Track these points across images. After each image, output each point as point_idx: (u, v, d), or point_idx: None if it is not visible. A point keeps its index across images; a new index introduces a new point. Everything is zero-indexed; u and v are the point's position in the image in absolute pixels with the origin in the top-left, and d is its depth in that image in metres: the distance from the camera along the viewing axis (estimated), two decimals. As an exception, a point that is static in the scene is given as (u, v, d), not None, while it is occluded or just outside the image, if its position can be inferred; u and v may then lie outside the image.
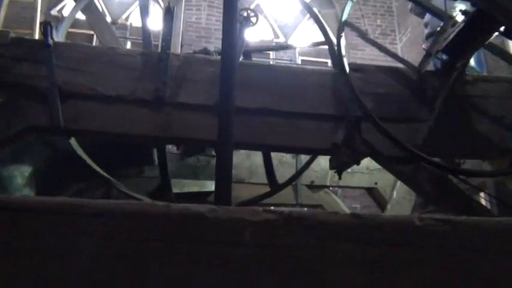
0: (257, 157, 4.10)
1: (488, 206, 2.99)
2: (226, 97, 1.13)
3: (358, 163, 2.17)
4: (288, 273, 0.75)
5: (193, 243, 0.75)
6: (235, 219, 0.77)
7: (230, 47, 1.19)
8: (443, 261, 0.78)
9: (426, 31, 3.62)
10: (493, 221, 0.80)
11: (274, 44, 9.33)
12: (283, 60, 8.09)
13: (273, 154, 4.16)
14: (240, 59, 2.37)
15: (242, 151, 3.99)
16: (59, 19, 7.39)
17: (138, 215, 0.77)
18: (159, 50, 2.20)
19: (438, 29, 2.35)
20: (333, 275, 0.75)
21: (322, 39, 2.47)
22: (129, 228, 0.75)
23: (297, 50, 8.43)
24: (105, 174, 2.82)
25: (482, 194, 3.18)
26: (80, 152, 2.80)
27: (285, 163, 4.25)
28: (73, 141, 2.76)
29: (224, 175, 1.10)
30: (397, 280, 0.76)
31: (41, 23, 2.09)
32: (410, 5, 4.18)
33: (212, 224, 0.77)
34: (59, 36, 2.86)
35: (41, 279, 0.73)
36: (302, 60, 8.27)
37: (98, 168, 2.84)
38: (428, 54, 2.25)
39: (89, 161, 2.81)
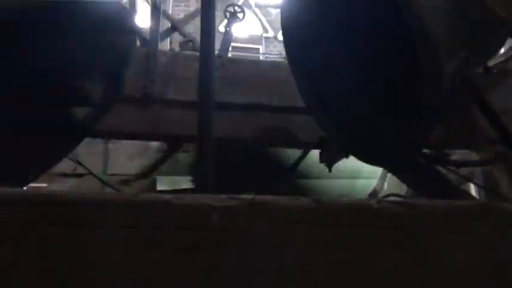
0: (249, 152, 4.11)
1: (477, 196, 3.02)
2: (206, 92, 1.14)
3: (347, 156, 2.19)
4: (253, 254, 0.80)
5: (161, 229, 0.80)
6: (201, 205, 0.81)
7: (209, 41, 1.20)
8: (401, 241, 0.83)
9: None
10: (447, 203, 0.86)
11: (264, 39, 9.34)
12: (273, 54, 8.10)
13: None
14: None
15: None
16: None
17: (107, 203, 0.81)
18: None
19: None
20: (294, 256, 0.80)
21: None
22: (99, 216, 0.79)
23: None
24: (95, 174, 2.83)
25: (472, 184, 3.21)
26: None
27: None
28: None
29: (206, 171, 1.11)
30: (356, 259, 0.80)
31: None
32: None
33: (179, 210, 0.81)
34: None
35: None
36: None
37: (88, 169, 2.86)
38: None
39: (80, 160, 2.82)
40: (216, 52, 2.18)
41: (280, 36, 9.10)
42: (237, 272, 0.79)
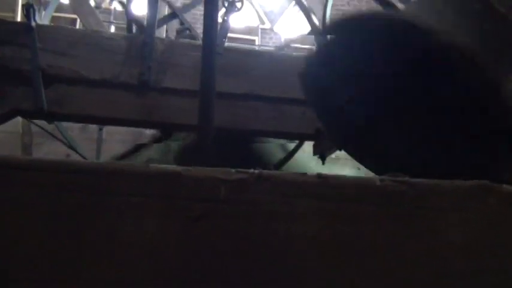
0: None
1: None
2: (207, 82, 1.15)
3: (340, 149, 2.20)
4: (260, 226, 0.83)
5: (170, 199, 0.82)
6: (209, 177, 0.84)
7: (211, 30, 1.20)
8: (401, 218, 0.86)
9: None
10: (448, 183, 0.89)
11: (260, 30, 9.32)
12: (269, 46, 8.09)
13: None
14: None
15: (228, 137, 4.00)
16: (41, 2, 7.27)
17: (117, 173, 0.83)
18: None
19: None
20: (298, 227, 0.83)
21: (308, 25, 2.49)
22: (109, 185, 0.81)
23: (283, 36, 8.42)
24: (87, 159, 2.82)
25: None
26: (66, 135, 2.80)
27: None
28: (59, 124, 2.75)
29: (205, 160, 1.12)
30: (356, 233, 0.84)
31: (23, 5, 2.06)
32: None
33: (188, 182, 0.83)
34: (44, 20, 2.83)
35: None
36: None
37: (82, 153, 2.85)
38: None
39: (74, 144, 2.81)
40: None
41: (276, 28, 9.07)
42: (244, 242, 0.82)
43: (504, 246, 0.86)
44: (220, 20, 2.34)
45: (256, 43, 8.89)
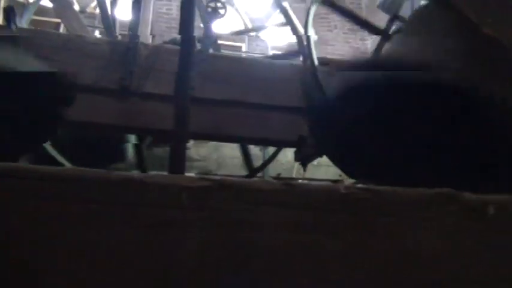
0: (225, 149, 4.12)
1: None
2: (183, 87, 1.14)
3: (321, 156, 2.21)
4: (224, 234, 0.82)
5: (133, 206, 0.81)
6: (172, 184, 0.83)
7: (188, 35, 1.20)
8: (365, 224, 0.87)
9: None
10: (412, 191, 0.90)
11: (247, 37, 9.34)
12: (255, 53, 8.11)
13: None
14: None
15: (211, 143, 4.01)
16: (25, 6, 7.20)
17: (78, 179, 0.82)
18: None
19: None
20: (263, 235, 0.83)
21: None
22: (71, 192, 0.80)
23: (269, 43, 8.46)
24: (69, 165, 2.79)
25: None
26: (46, 144, 2.76)
27: (252, 156, 4.28)
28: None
29: (178, 166, 1.11)
30: (322, 241, 0.84)
31: (3, 8, 2.04)
32: (378, 1, 4.25)
33: (151, 189, 0.82)
34: (22, 23, 2.80)
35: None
36: (274, 54, 8.28)
37: (63, 161, 2.81)
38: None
39: (53, 153, 2.78)
40: (198, 47, 2.18)
41: (262, 36, 9.10)
42: (204, 251, 0.81)
43: (465, 253, 0.87)
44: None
45: (243, 49, 8.91)
